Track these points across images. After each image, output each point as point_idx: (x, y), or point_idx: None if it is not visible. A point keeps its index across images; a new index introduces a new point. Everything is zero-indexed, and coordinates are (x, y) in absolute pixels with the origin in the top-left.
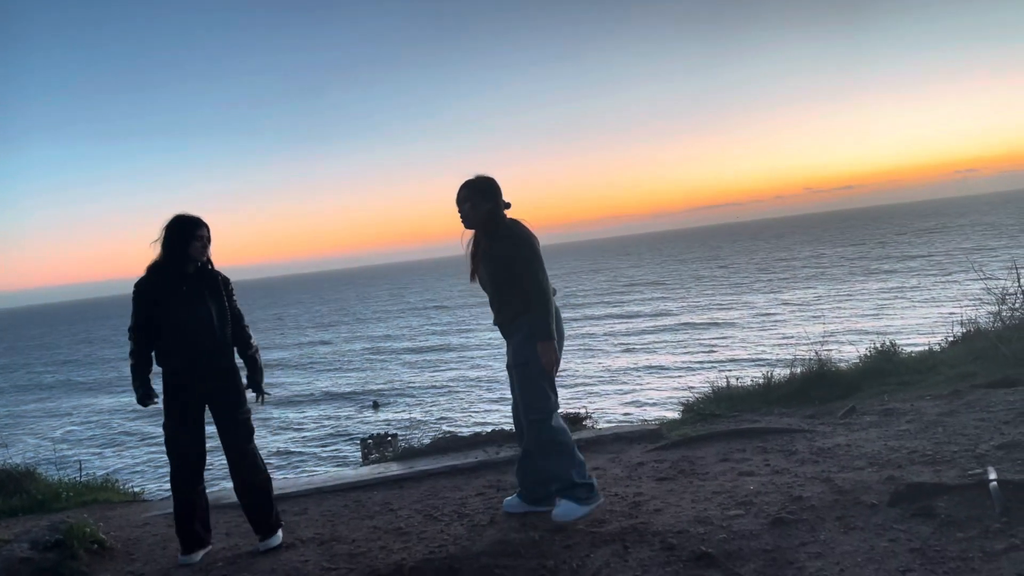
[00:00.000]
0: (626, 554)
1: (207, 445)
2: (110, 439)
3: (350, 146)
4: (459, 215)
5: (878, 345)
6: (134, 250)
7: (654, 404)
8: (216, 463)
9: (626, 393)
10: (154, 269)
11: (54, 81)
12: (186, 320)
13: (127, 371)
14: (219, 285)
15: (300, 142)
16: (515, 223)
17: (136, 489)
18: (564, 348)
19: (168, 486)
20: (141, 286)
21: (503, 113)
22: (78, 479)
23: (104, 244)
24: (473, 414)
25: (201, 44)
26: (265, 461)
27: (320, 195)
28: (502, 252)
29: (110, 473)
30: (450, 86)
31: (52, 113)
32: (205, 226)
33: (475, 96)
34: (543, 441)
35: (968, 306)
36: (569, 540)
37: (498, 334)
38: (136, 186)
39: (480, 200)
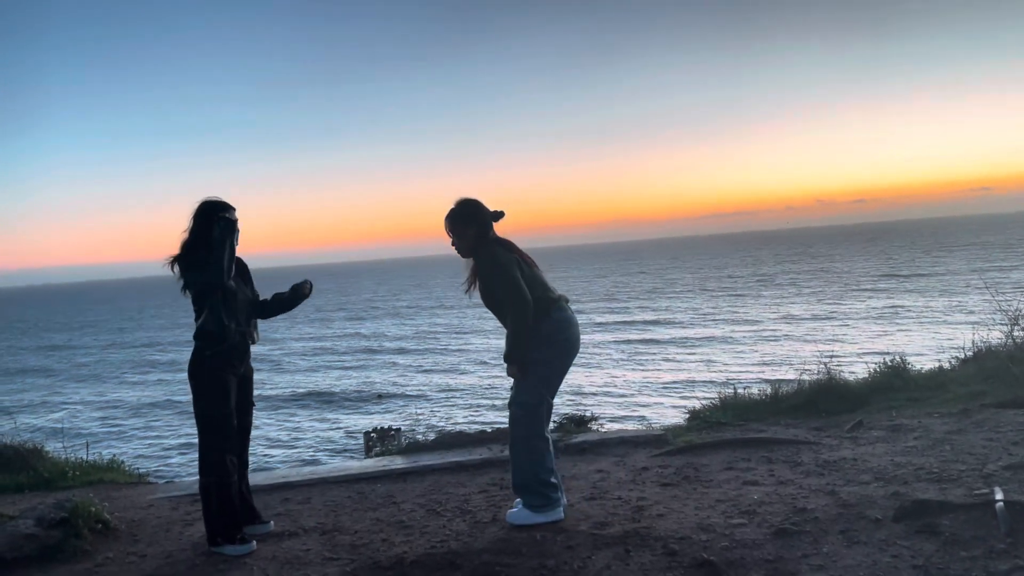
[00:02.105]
0: (628, 558)
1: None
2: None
3: (363, 140)
4: (453, 248)
5: (887, 360)
6: (140, 234)
7: (659, 410)
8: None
9: (630, 399)
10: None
11: (70, 64)
12: (236, 296)
13: (109, 358)
14: (247, 268)
15: (315, 133)
16: (492, 247)
17: (141, 471)
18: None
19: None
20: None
21: (521, 113)
22: (85, 459)
23: (106, 228)
24: (475, 415)
25: (216, 33)
26: (266, 453)
27: (335, 187)
28: (484, 281)
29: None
30: (468, 85)
31: (69, 96)
32: (234, 209)
33: (496, 95)
34: (516, 436)
35: (980, 325)
36: (571, 541)
37: (496, 337)
38: (147, 172)
39: (463, 228)
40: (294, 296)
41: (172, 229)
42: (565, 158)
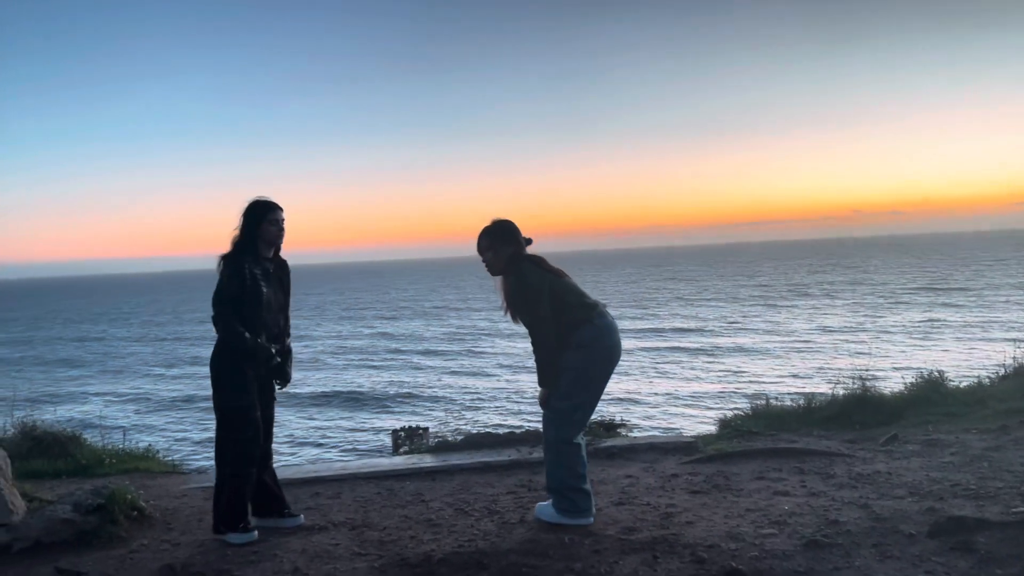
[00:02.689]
0: (655, 564)
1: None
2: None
3: (398, 139)
4: (483, 263)
5: (924, 374)
6: (169, 230)
7: (689, 419)
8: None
9: (659, 407)
10: (238, 248)
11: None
12: (269, 300)
13: (142, 351)
14: (288, 274)
15: (344, 131)
16: (524, 268)
17: (175, 461)
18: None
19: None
20: (235, 258)
21: (553, 115)
22: (121, 447)
23: (130, 222)
24: (503, 417)
25: (226, 27)
26: (292, 452)
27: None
28: (515, 299)
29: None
30: (501, 85)
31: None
32: (280, 210)
33: (521, 96)
34: (547, 439)
35: (1021, 341)
36: (598, 545)
37: (524, 340)
38: (167, 166)
39: (501, 246)
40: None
41: (195, 224)
42: (599, 160)
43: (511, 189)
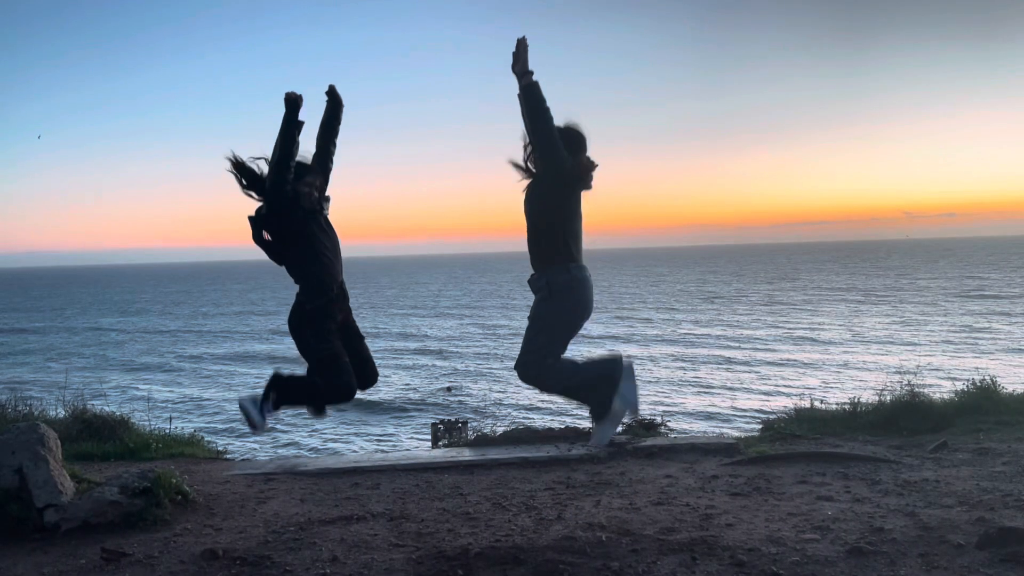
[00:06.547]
0: (694, 565)
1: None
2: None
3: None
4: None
5: (976, 380)
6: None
7: (729, 421)
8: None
9: (699, 409)
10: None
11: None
12: (328, 246)
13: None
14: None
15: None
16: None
17: (219, 448)
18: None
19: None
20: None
21: (591, 109)
22: (167, 432)
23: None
24: (541, 416)
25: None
26: (334, 438)
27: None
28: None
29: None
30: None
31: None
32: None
33: (568, 90)
34: (551, 384)
35: None
36: (636, 544)
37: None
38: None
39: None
40: (334, 106)
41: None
42: (639, 157)
43: None
